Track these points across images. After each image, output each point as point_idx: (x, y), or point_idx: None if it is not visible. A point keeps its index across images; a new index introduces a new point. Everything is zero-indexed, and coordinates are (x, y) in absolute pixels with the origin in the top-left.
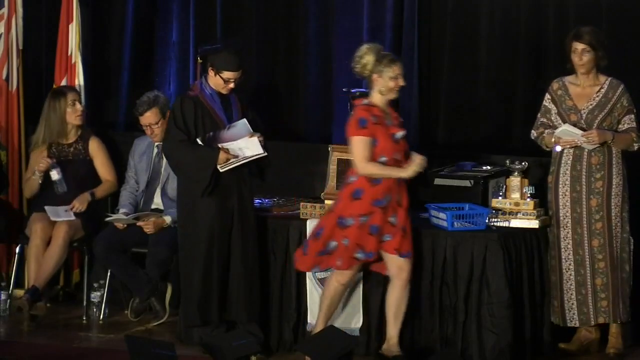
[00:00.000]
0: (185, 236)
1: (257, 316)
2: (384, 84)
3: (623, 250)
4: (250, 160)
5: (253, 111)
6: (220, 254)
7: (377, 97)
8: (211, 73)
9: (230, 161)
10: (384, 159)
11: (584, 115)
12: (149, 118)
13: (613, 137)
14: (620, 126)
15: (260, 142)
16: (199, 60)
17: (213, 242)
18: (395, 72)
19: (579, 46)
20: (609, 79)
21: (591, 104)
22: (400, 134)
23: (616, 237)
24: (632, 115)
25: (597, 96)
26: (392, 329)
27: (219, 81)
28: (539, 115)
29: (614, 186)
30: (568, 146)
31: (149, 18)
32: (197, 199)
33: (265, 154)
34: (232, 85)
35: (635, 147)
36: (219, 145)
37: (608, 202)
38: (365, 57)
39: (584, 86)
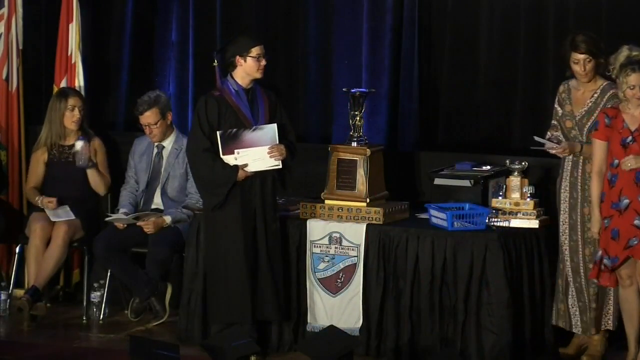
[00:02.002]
0: (210, 235)
1: (287, 315)
2: (622, 91)
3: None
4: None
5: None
6: (246, 252)
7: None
8: (240, 62)
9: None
10: (616, 161)
11: (578, 122)
12: (149, 118)
13: (581, 149)
14: None
15: (280, 153)
16: (215, 64)
17: (238, 241)
18: (630, 82)
19: (579, 57)
20: (605, 83)
21: (584, 110)
22: (629, 138)
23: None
24: None
25: (591, 101)
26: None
27: (252, 65)
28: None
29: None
30: (552, 152)
31: (148, 18)
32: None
33: (280, 166)
34: (264, 61)
35: None
36: (235, 151)
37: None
38: (618, 58)
39: (584, 91)
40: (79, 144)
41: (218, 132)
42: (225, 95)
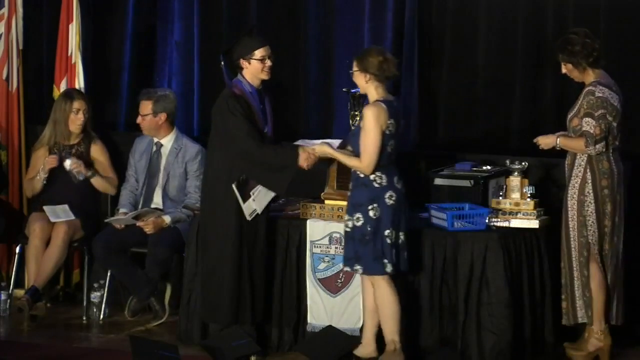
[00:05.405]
0: (212, 237)
1: (265, 316)
2: None
3: (581, 254)
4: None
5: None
6: (248, 253)
7: None
8: (245, 65)
9: (254, 210)
10: None
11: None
12: (140, 107)
13: (557, 142)
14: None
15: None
16: (222, 64)
17: (242, 243)
18: None
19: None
20: (593, 80)
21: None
22: None
23: (573, 240)
24: (589, 119)
25: (581, 95)
26: None
27: (257, 67)
28: None
29: (569, 188)
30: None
31: (149, 18)
32: (223, 199)
33: (282, 193)
34: (269, 62)
35: (592, 152)
36: (251, 193)
37: (565, 204)
38: None
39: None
40: (67, 163)
41: (233, 185)
42: (244, 95)
